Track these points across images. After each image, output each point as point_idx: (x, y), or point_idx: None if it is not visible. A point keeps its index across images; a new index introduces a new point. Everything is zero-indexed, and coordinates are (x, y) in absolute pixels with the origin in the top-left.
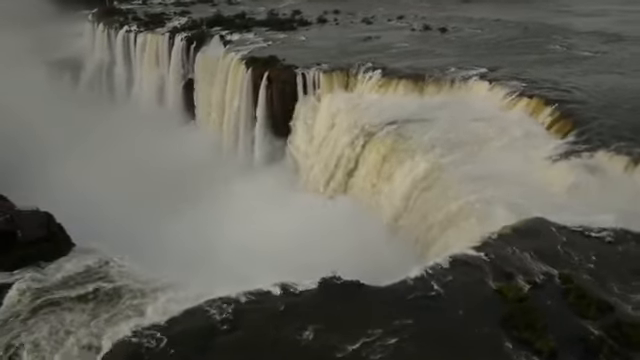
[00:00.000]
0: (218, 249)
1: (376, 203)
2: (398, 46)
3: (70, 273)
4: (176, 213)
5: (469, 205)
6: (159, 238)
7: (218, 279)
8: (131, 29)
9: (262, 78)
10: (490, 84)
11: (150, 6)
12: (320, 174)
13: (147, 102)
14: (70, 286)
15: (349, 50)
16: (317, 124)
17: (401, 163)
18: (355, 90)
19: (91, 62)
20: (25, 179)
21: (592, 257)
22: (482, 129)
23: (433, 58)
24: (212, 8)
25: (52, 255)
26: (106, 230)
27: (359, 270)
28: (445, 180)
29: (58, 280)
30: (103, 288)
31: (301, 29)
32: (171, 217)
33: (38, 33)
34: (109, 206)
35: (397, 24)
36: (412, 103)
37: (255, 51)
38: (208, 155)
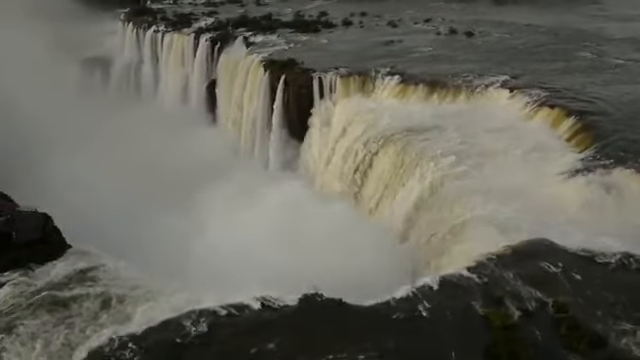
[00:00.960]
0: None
1: (384, 213)
2: (420, 50)
3: (59, 277)
4: (175, 212)
5: (469, 222)
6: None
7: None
8: (159, 29)
9: (279, 81)
10: (511, 92)
11: (180, 6)
12: (332, 180)
13: (172, 101)
14: (56, 290)
15: (370, 54)
16: (332, 129)
17: (409, 173)
18: (372, 95)
19: (121, 60)
20: (51, 170)
21: (594, 285)
22: (497, 139)
23: (455, 64)
24: (240, 9)
25: (44, 257)
26: (117, 226)
27: (358, 280)
28: (448, 193)
29: (44, 284)
30: (88, 293)
31: (325, 31)
32: (167, 214)
33: (73, 31)
34: (117, 202)
35: (423, 27)
36: (429, 110)
37: (275, 53)
38: (225, 156)
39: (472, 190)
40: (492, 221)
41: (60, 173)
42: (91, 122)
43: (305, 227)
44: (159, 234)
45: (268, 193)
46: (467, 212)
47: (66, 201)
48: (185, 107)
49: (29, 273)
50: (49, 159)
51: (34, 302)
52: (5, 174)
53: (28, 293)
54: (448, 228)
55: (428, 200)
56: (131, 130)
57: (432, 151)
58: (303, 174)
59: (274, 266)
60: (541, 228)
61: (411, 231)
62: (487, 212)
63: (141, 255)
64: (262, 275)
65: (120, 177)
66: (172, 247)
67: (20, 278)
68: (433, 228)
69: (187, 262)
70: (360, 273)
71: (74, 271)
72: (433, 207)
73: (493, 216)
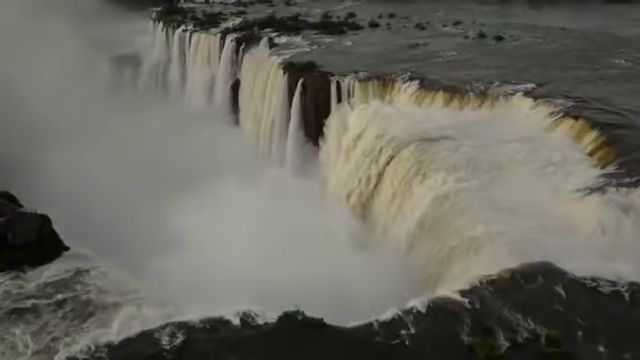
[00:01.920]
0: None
1: (390, 225)
2: (445, 55)
3: (49, 280)
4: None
5: (474, 239)
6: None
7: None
8: (187, 28)
9: (297, 84)
10: (534, 101)
11: (212, 5)
12: (344, 186)
13: (197, 100)
14: (43, 294)
15: (393, 58)
16: (347, 134)
17: (421, 183)
18: (390, 101)
19: (150, 59)
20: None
21: (594, 317)
22: (516, 151)
23: (480, 69)
24: (269, 9)
25: (38, 260)
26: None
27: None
28: (456, 207)
29: (34, 287)
30: (75, 298)
31: (350, 33)
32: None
33: (107, 30)
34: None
35: (451, 30)
36: (448, 118)
37: (297, 55)
38: (243, 157)
39: (481, 205)
40: (497, 240)
41: (88, 166)
42: (118, 120)
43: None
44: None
45: (278, 197)
46: (472, 229)
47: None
48: (210, 107)
49: (20, 275)
50: (81, 152)
51: (17, 306)
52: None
53: (14, 296)
54: (451, 245)
55: (435, 213)
56: (155, 129)
57: (445, 161)
58: (319, 177)
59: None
60: (549, 249)
61: (416, 245)
62: (493, 229)
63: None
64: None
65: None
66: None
67: (9, 281)
68: (437, 243)
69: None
70: (355, 287)
71: (65, 275)
72: (439, 221)
73: (499, 234)
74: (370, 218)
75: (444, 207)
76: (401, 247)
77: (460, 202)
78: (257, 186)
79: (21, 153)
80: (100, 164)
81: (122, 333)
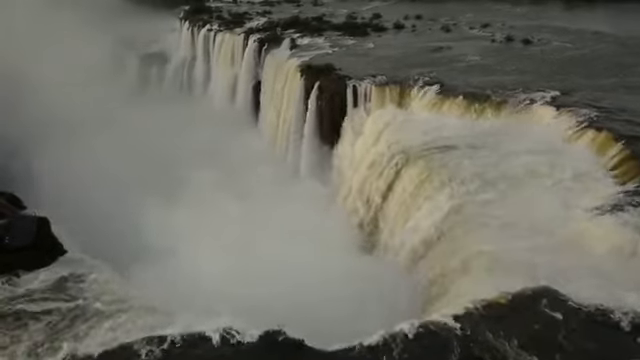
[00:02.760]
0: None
1: (398, 237)
2: (468, 59)
3: (40, 286)
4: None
5: (477, 257)
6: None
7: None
8: (212, 28)
9: (313, 87)
10: (557, 110)
11: (239, 5)
12: (354, 195)
13: (220, 100)
14: (31, 300)
15: (414, 61)
16: (361, 140)
17: (429, 195)
18: (407, 106)
19: (176, 58)
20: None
21: (592, 351)
22: (533, 163)
23: (503, 75)
24: (295, 9)
25: (34, 264)
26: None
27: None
28: (465, 221)
29: (24, 293)
30: (62, 306)
31: (373, 35)
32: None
33: (137, 28)
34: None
35: (478, 33)
36: (464, 126)
37: (316, 57)
38: (260, 158)
39: (488, 221)
40: (501, 259)
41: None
42: (142, 117)
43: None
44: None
45: (284, 203)
46: (476, 247)
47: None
48: (232, 107)
49: (13, 280)
50: (104, 145)
51: (5, 312)
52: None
53: (3, 302)
54: (455, 262)
55: (440, 228)
56: (177, 127)
57: (456, 173)
58: (332, 182)
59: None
60: (554, 272)
61: (419, 262)
62: (499, 248)
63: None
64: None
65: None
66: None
67: (1, 285)
68: (439, 261)
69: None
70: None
71: (57, 281)
72: (443, 237)
73: (505, 253)
74: (377, 230)
75: (449, 222)
76: (404, 263)
77: (467, 217)
78: (268, 191)
79: (48, 144)
80: (118, 158)
81: (103, 345)
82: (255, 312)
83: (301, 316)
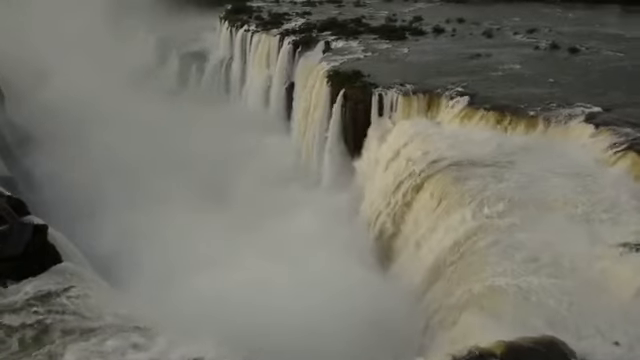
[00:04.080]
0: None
1: (412, 258)
2: (507, 68)
3: (24, 297)
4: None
5: (484, 291)
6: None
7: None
8: (249, 28)
9: (338, 95)
10: (596, 128)
11: (280, 5)
12: (373, 210)
13: (254, 101)
14: (14, 311)
15: (448, 69)
16: (384, 151)
17: (446, 217)
18: (434, 118)
19: (215, 57)
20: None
21: None
22: (564, 187)
23: (542, 86)
24: (336, 9)
25: (23, 274)
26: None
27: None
28: (479, 250)
29: (7, 304)
30: (39, 322)
31: (410, 39)
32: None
33: (181, 26)
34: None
35: (522, 39)
36: (492, 141)
37: (347, 62)
38: (285, 165)
39: (504, 250)
40: (512, 297)
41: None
42: (178, 117)
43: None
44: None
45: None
46: (485, 280)
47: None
48: (265, 110)
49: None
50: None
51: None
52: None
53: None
54: (462, 295)
55: (454, 252)
56: (208, 129)
57: (478, 193)
58: (353, 194)
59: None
60: (571, 317)
61: (430, 288)
62: (512, 283)
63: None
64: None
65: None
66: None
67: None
68: (448, 290)
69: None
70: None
71: (42, 293)
72: (457, 263)
73: (517, 290)
74: (394, 247)
75: (463, 247)
76: (415, 288)
77: (482, 244)
78: (287, 200)
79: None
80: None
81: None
82: (243, 336)
83: (290, 343)
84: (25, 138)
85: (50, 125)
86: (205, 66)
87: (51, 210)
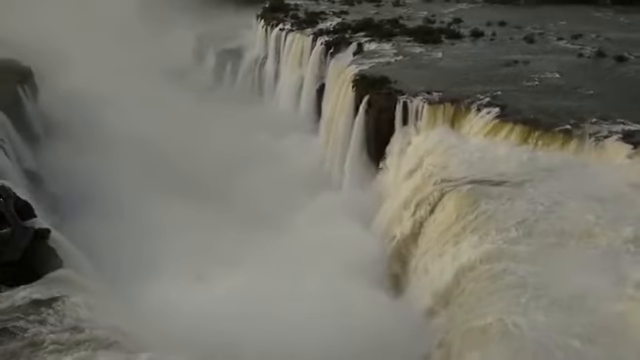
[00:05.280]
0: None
1: (422, 280)
2: (544, 77)
3: (14, 305)
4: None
5: (489, 329)
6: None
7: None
8: (284, 27)
9: (362, 101)
10: (634, 148)
11: (318, 3)
12: (392, 219)
13: (285, 102)
14: (2, 321)
15: (481, 76)
16: (406, 162)
17: (460, 237)
18: (460, 129)
19: (250, 55)
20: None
21: None
22: (590, 213)
23: (581, 99)
24: (374, 9)
25: (18, 280)
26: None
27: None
28: (492, 280)
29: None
30: (23, 334)
31: (446, 43)
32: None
33: (218, 24)
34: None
35: (565, 46)
36: (520, 158)
37: (375, 66)
38: (307, 169)
39: (522, 281)
40: (519, 337)
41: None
42: (209, 119)
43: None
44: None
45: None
46: (498, 312)
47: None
48: (296, 111)
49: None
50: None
51: None
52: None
53: None
54: (466, 329)
55: (464, 279)
56: (239, 128)
57: (499, 215)
58: (373, 202)
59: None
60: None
61: (437, 313)
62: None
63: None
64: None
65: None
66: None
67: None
68: (454, 320)
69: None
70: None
71: (32, 302)
72: (465, 291)
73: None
74: (407, 264)
75: (474, 274)
76: (423, 311)
77: (495, 272)
78: (304, 208)
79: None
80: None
81: None
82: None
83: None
84: (56, 130)
85: (82, 118)
86: (240, 64)
87: (77, 204)
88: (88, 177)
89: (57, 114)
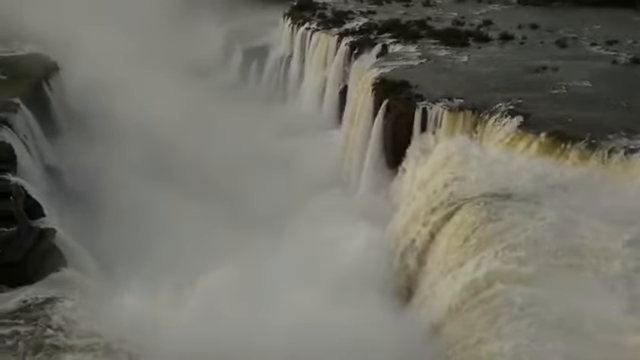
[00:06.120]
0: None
1: (432, 293)
2: (572, 85)
3: (13, 307)
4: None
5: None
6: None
7: None
8: (310, 26)
9: (381, 105)
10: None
11: (347, 2)
12: (405, 228)
13: (309, 103)
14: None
15: (506, 83)
16: (422, 170)
17: (468, 255)
18: (479, 139)
19: (275, 54)
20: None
21: None
22: (606, 235)
23: (609, 110)
24: (403, 9)
25: (19, 280)
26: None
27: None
28: (493, 300)
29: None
30: (20, 332)
31: (473, 46)
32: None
33: (247, 21)
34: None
35: (599, 51)
36: (540, 172)
37: (398, 70)
38: (327, 171)
39: (527, 307)
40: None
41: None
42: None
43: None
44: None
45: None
46: (498, 338)
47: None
48: (319, 111)
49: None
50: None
51: None
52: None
53: None
54: (465, 355)
55: (466, 299)
56: (262, 128)
57: (511, 232)
58: (388, 210)
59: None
60: None
61: (441, 330)
62: (522, 351)
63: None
64: None
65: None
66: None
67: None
68: (453, 343)
69: None
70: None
71: (32, 303)
72: (465, 314)
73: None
74: (418, 277)
75: (477, 296)
76: (430, 327)
77: (499, 295)
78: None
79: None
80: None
81: None
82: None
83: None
84: (80, 125)
85: (105, 112)
86: (266, 62)
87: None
88: (107, 172)
89: (82, 108)
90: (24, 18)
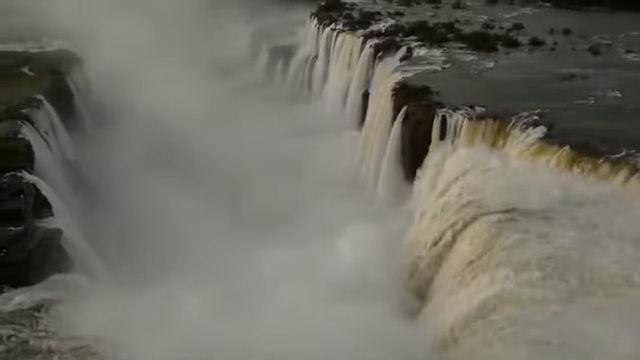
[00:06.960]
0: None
1: (441, 310)
2: (602, 95)
3: (10, 309)
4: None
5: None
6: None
7: None
8: (336, 27)
9: (400, 112)
10: None
11: (375, 3)
12: (419, 241)
13: (332, 104)
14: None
15: (532, 91)
16: (439, 180)
17: (476, 274)
18: (500, 149)
19: (301, 53)
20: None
21: None
22: (628, 259)
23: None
24: (431, 11)
25: (20, 281)
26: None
27: None
28: (496, 325)
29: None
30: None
31: (501, 51)
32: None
33: (274, 20)
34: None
35: (633, 59)
36: (561, 186)
37: (421, 75)
38: (345, 176)
39: (534, 334)
40: None
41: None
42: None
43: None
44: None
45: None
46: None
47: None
48: (342, 114)
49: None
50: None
51: None
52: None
53: None
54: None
55: (468, 323)
56: (279, 129)
57: (520, 251)
58: (405, 219)
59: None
60: None
61: (447, 349)
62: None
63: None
64: None
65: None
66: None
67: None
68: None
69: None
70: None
71: (29, 305)
72: (465, 341)
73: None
74: (428, 291)
75: (481, 321)
76: (437, 344)
77: (503, 320)
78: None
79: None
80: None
81: None
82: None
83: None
84: (104, 121)
85: (128, 109)
86: (291, 62)
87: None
88: (127, 169)
89: (106, 104)
90: (54, 15)
